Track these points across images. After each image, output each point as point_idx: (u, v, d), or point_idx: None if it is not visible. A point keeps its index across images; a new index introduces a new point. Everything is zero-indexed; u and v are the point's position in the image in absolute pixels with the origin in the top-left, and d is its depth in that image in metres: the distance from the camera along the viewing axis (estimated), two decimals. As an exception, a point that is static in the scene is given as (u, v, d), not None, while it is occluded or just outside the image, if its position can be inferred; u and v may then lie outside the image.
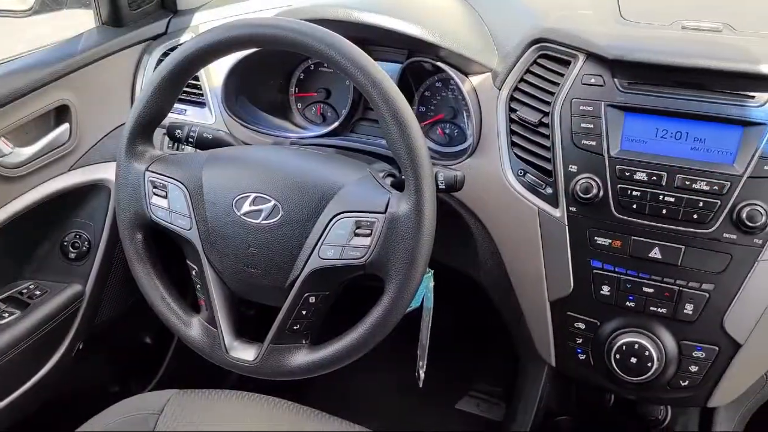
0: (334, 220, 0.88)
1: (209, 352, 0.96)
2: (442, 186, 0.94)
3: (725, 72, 0.88)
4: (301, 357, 0.92)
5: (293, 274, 0.90)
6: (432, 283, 1.07)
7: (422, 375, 1.13)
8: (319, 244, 0.88)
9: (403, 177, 0.85)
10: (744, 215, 0.87)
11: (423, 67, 1.15)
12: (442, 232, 1.13)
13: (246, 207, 0.91)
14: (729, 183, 0.88)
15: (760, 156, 0.87)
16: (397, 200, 0.86)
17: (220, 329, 0.95)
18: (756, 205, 0.87)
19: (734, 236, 0.89)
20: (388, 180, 0.97)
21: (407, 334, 1.15)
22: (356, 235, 0.87)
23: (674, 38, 0.96)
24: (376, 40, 1.16)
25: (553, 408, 1.20)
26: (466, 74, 1.08)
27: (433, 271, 1.07)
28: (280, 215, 0.90)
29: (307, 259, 0.89)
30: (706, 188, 0.89)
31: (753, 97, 0.88)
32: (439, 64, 1.07)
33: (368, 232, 0.86)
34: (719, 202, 0.89)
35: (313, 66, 1.26)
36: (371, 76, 0.83)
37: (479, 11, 1.15)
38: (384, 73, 0.84)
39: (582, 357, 1.02)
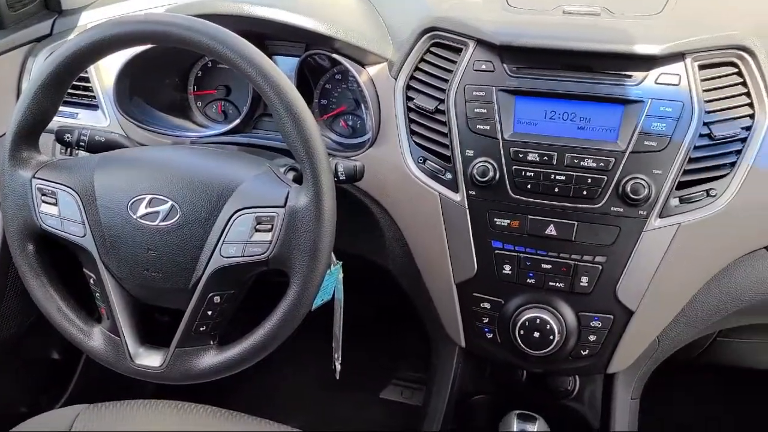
0: (233, 217, 0.87)
1: (114, 361, 0.94)
2: (342, 177, 0.95)
3: (604, 53, 0.92)
4: (209, 358, 0.91)
5: (196, 274, 0.88)
6: (341, 275, 1.07)
7: (338, 367, 1.13)
8: (220, 242, 0.87)
9: None
10: (628, 189, 0.92)
11: (321, 60, 1.15)
12: (349, 223, 1.13)
13: (142, 209, 0.89)
14: (614, 159, 0.93)
15: (640, 132, 0.92)
16: (296, 193, 0.86)
17: (124, 337, 0.92)
18: (639, 178, 0.92)
19: (621, 209, 0.94)
20: (291, 174, 0.97)
21: (329, 328, 1.15)
22: (257, 230, 0.86)
23: (556, 23, 0.99)
24: (272, 34, 1.15)
25: (469, 388, 1.23)
26: (363, 65, 1.08)
27: (341, 263, 1.07)
28: (178, 216, 0.88)
29: (209, 259, 0.88)
30: (593, 165, 0.94)
31: (631, 76, 0.93)
32: (335, 56, 1.08)
33: (269, 227, 0.86)
34: (606, 177, 0.93)
35: (210, 63, 1.24)
36: (262, 70, 0.82)
37: (373, 1, 1.16)
38: (275, 67, 0.84)
39: (489, 336, 1.05)
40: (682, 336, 1.04)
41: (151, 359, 0.92)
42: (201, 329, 0.90)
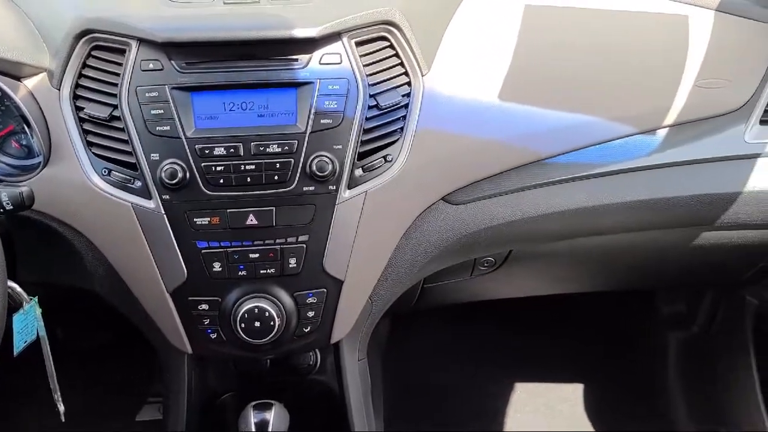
0: None
1: None
2: (9, 206, 0.86)
3: (266, 40, 0.94)
4: None
5: None
6: (39, 310, 0.98)
7: (62, 407, 1.04)
8: None
9: None
10: (315, 167, 0.96)
11: (-32, 78, 1.01)
12: (41, 252, 1.03)
13: None
14: (296, 141, 0.96)
15: (315, 112, 0.96)
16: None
17: None
18: (322, 156, 0.96)
19: (313, 188, 0.97)
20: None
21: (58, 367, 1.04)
22: None
23: (217, 14, 0.98)
24: None
25: (217, 389, 1.21)
26: (19, 78, 0.98)
27: (36, 298, 0.98)
28: None
29: None
30: (279, 150, 0.96)
31: (297, 59, 0.96)
32: (-23, 71, 0.95)
33: None
34: (292, 160, 0.96)
35: None
36: None
37: (19, 4, 1.04)
38: None
39: (213, 336, 1.04)
40: (391, 292, 1.13)
41: None
42: None
